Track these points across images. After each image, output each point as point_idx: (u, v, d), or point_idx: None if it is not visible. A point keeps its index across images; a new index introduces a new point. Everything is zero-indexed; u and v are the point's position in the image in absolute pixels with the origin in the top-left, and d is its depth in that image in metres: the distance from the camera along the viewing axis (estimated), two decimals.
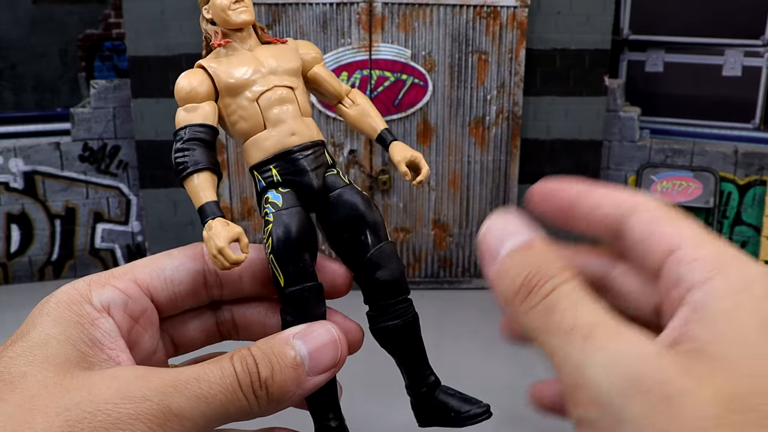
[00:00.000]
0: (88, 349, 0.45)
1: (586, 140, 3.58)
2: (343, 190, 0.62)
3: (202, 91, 0.63)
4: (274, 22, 3.28)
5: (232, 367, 0.45)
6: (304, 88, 0.65)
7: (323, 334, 0.50)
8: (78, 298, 0.47)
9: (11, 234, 3.61)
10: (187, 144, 0.62)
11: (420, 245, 3.60)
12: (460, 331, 3.04)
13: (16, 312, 3.30)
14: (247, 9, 0.64)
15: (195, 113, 0.63)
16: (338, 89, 0.68)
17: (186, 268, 0.54)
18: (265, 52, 0.65)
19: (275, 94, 0.62)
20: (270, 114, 0.62)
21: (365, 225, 0.61)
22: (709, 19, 3.72)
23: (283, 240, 0.58)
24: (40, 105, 5.03)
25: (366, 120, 0.68)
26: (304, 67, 0.67)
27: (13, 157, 3.55)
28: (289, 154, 0.61)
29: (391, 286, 0.61)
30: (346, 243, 0.62)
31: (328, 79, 0.68)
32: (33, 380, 0.41)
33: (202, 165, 0.60)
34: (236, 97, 0.63)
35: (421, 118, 3.42)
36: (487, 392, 2.12)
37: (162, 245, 3.62)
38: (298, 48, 0.67)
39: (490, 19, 3.31)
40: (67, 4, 4.96)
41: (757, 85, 3.75)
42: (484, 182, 3.54)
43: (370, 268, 0.61)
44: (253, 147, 0.62)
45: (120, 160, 3.71)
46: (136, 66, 3.39)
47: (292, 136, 0.62)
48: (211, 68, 0.64)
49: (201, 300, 0.55)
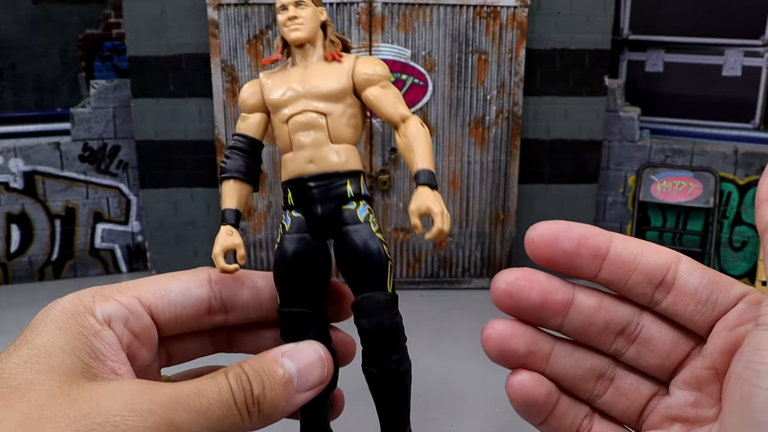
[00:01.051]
0: (91, 360, 0.46)
1: (586, 140, 3.58)
2: (354, 228, 0.61)
3: (251, 103, 0.66)
4: (274, 22, 3.28)
5: (228, 384, 0.47)
6: (346, 112, 0.64)
7: (311, 353, 0.52)
8: (82, 309, 0.48)
9: (11, 234, 3.61)
10: (229, 151, 0.65)
11: (420, 245, 3.60)
12: (460, 331, 3.04)
13: (16, 312, 3.30)
14: (299, 27, 0.64)
15: (243, 123, 0.66)
16: (390, 114, 0.65)
17: (191, 294, 0.55)
18: (316, 71, 0.64)
19: (303, 118, 0.62)
20: (295, 138, 0.63)
21: (362, 270, 0.61)
22: (709, 19, 3.72)
23: (279, 263, 0.60)
24: (40, 105, 5.04)
25: (408, 154, 0.65)
26: (357, 87, 0.65)
27: (13, 157, 3.55)
28: (302, 182, 0.62)
29: (370, 336, 0.60)
30: (346, 276, 0.62)
31: (377, 104, 0.65)
32: (40, 389, 0.42)
33: (232, 174, 0.64)
34: (275, 115, 0.65)
35: (421, 118, 3.42)
36: (487, 390, 2.12)
37: (162, 245, 3.62)
38: (354, 67, 0.65)
39: (490, 19, 3.31)
40: (67, 4, 4.96)
41: (757, 85, 3.75)
42: (484, 182, 3.54)
43: (356, 313, 0.61)
44: (282, 165, 0.64)
45: (120, 160, 3.71)
46: (136, 66, 3.39)
47: (309, 164, 0.62)
48: (264, 81, 0.66)
49: (203, 325, 0.56)
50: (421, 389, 2.52)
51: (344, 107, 0.63)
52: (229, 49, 3.30)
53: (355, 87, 0.64)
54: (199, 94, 3.41)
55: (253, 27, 3.28)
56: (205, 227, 3.59)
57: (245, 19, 3.27)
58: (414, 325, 1.18)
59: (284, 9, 0.65)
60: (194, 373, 0.56)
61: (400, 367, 0.61)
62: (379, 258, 0.61)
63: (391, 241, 3.55)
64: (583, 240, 0.45)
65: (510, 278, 0.45)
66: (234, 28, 3.28)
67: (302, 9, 0.64)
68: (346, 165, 0.62)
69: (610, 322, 0.46)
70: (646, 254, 0.44)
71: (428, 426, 2.37)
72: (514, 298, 0.46)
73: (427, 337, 2.83)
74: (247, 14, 3.26)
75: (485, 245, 3.63)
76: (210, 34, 3.27)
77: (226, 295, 0.57)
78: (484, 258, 3.65)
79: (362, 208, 0.62)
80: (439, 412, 2.43)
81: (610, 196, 3.78)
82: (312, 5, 0.65)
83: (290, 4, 0.64)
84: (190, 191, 3.57)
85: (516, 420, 0.58)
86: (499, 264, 3.65)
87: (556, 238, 0.45)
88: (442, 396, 2.53)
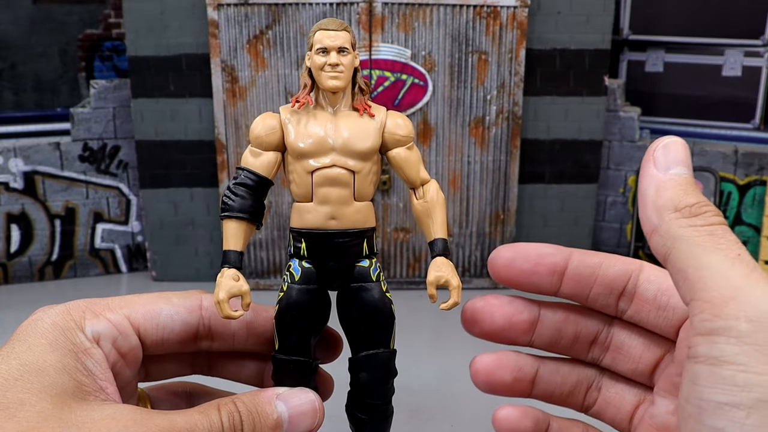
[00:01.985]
0: (83, 378, 0.46)
1: (586, 140, 3.58)
2: (367, 286, 0.62)
3: (269, 141, 0.63)
4: (274, 22, 3.28)
5: (220, 421, 0.47)
6: (372, 169, 0.63)
7: (305, 402, 0.53)
8: (72, 324, 0.48)
9: (11, 234, 3.61)
10: (236, 187, 0.62)
11: (420, 245, 3.60)
12: (460, 331, 3.03)
13: (16, 312, 3.30)
14: (339, 76, 0.61)
15: (256, 159, 0.63)
16: (413, 178, 0.65)
17: (181, 319, 0.55)
18: (346, 121, 0.62)
19: (332, 172, 0.61)
20: (319, 191, 0.61)
21: (370, 328, 0.62)
22: (709, 19, 3.72)
23: (285, 312, 0.59)
24: (40, 105, 5.04)
25: (426, 221, 0.66)
26: (384, 145, 0.64)
27: (13, 157, 3.55)
28: (323, 237, 0.61)
29: (368, 390, 0.62)
30: (350, 329, 0.63)
31: (402, 165, 0.65)
32: (32, 410, 0.41)
33: (239, 214, 0.60)
34: (296, 160, 0.62)
35: (421, 118, 3.42)
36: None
37: (162, 245, 3.62)
38: (385, 124, 0.63)
39: (490, 19, 3.31)
40: (67, 4, 4.96)
41: (757, 85, 3.75)
42: (484, 182, 3.54)
43: (357, 366, 0.62)
44: (296, 212, 0.63)
45: (120, 160, 3.71)
46: (136, 66, 3.39)
47: (331, 220, 0.61)
48: (286, 120, 0.62)
49: (188, 348, 0.57)
50: (421, 389, 2.52)
51: (371, 165, 0.63)
52: (229, 49, 3.30)
53: (382, 144, 0.64)
54: (199, 94, 3.41)
55: (253, 27, 3.28)
56: (205, 227, 3.59)
57: (245, 19, 3.27)
58: (413, 325, 1.19)
59: (324, 52, 0.61)
60: (168, 388, 0.57)
61: (387, 413, 0.63)
62: (388, 319, 0.62)
63: (391, 241, 3.55)
64: (539, 258, 0.47)
65: (476, 305, 0.50)
66: (234, 28, 3.28)
67: (344, 56, 0.61)
68: (365, 223, 0.62)
69: (580, 333, 0.48)
70: (605, 266, 0.46)
71: (428, 426, 2.37)
72: (479, 325, 0.50)
73: (426, 337, 2.83)
74: (247, 14, 3.26)
75: (485, 245, 3.63)
76: (210, 34, 3.27)
77: (215, 324, 0.57)
78: (483, 258, 3.65)
79: (375, 267, 0.63)
80: (439, 413, 2.43)
81: (610, 196, 3.78)
82: (351, 51, 0.62)
83: (333, 50, 0.61)
84: (190, 191, 3.57)
85: None
86: None
87: (513, 259, 0.47)
88: (442, 396, 2.53)
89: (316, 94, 0.64)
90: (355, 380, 0.63)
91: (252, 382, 0.62)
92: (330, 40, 0.61)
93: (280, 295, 0.61)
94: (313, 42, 0.63)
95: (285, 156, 0.64)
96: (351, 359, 0.63)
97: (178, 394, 0.59)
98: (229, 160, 3.46)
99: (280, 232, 3.54)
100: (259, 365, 0.61)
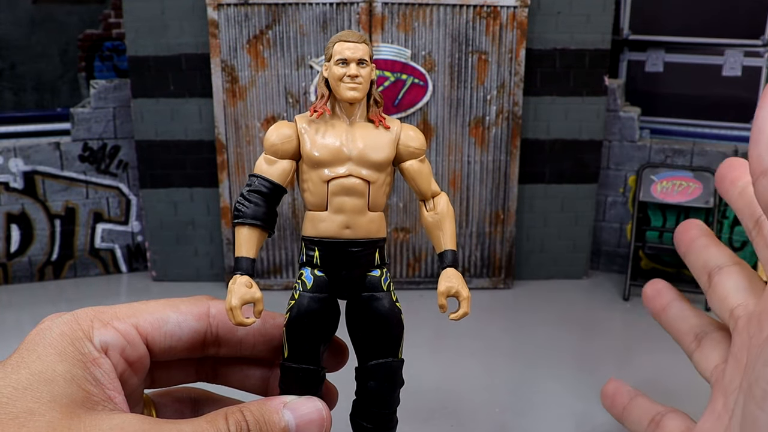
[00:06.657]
0: (91, 388, 0.45)
1: (586, 140, 3.58)
2: (377, 296, 0.62)
3: (284, 150, 0.63)
4: (274, 22, 3.28)
5: (228, 430, 0.47)
6: (385, 180, 0.64)
7: (312, 411, 0.52)
8: (80, 334, 0.48)
9: (11, 234, 3.61)
10: (250, 194, 0.62)
11: (420, 245, 3.60)
12: (460, 331, 3.04)
13: (16, 312, 3.30)
14: (358, 87, 0.62)
15: (271, 167, 0.63)
16: (424, 189, 0.67)
17: (189, 326, 0.55)
18: (362, 132, 0.63)
19: (347, 182, 0.61)
20: (334, 200, 0.61)
21: (380, 337, 0.62)
22: (709, 19, 3.72)
23: (296, 321, 0.59)
24: (40, 105, 5.03)
25: (436, 232, 0.67)
26: (398, 157, 0.65)
27: (13, 157, 3.55)
28: (336, 246, 0.61)
29: (376, 398, 0.62)
30: (359, 337, 0.64)
31: (414, 176, 0.66)
32: (41, 420, 0.41)
33: (253, 221, 0.61)
34: (312, 169, 0.62)
35: (421, 118, 3.42)
36: (487, 391, 2.13)
37: (162, 245, 3.62)
38: (399, 137, 0.65)
39: (490, 19, 3.31)
40: (67, 4, 4.96)
41: (757, 85, 3.75)
42: (484, 182, 3.54)
43: (366, 375, 0.63)
44: (309, 220, 0.63)
45: (120, 160, 3.71)
46: (136, 66, 3.39)
47: (345, 229, 0.61)
48: (302, 129, 0.63)
49: (195, 355, 0.57)
50: (421, 390, 2.52)
51: (385, 176, 0.64)
52: (229, 49, 3.30)
53: (396, 155, 0.65)
54: (199, 94, 3.41)
55: (253, 27, 3.28)
56: (205, 227, 3.59)
57: (245, 19, 3.27)
58: (414, 325, 1.19)
59: (344, 64, 0.62)
60: (173, 394, 0.57)
61: (393, 423, 0.64)
62: (398, 328, 0.62)
63: (391, 240, 3.55)
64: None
65: None
66: (234, 28, 3.28)
67: (363, 68, 0.62)
68: (378, 233, 0.63)
69: None
70: None
71: (428, 426, 2.37)
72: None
73: (426, 337, 2.83)
74: (247, 14, 3.26)
75: (485, 245, 3.63)
76: (210, 34, 3.27)
77: (222, 330, 0.57)
78: (484, 258, 3.65)
79: (385, 276, 0.63)
80: (439, 413, 2.43)
81: (610, 196, 3.78)
82: (369, 64, 0.63)
83: (353, 61, 0.61)
84: (190, 191, 3.57)
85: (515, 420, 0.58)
86: (499, 264, 3.66)
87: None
88: (442, 396, 2.53)
89: (332, 105, 0.64)
90: (363, 389, 0.63)
91: (256, 390, 0.62)
92: (350, 52, 0.61)
93: (290, 303, 0.61)
94: (332, 53, 0.63)
95: (299, 165, 0.64)
96: (359, 368, 0.63)
97: (182, 400, 0.59)
98: (229, 160, 3.46)
99: (280, 233, 3.54)
100: (264, 373, 0.61)
